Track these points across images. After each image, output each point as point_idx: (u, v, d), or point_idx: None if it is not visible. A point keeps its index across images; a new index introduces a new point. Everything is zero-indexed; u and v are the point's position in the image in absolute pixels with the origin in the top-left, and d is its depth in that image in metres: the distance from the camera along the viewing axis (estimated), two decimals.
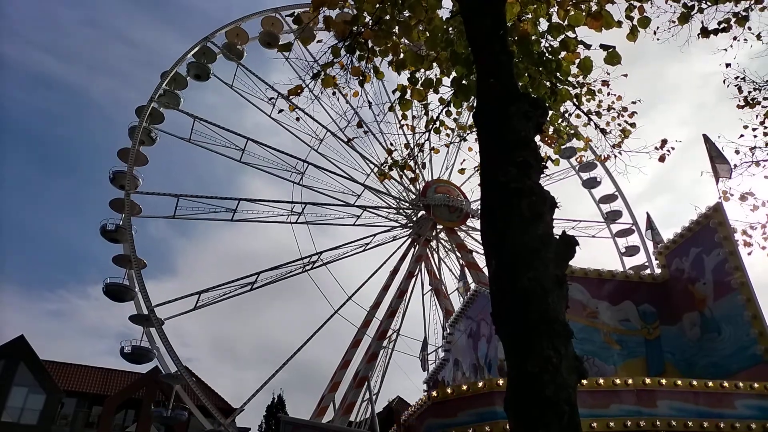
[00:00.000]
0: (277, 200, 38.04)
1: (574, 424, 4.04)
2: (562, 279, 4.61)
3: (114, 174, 34.65)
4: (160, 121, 36.80)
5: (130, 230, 33.35)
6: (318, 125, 39.43)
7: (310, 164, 38.45)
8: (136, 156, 35.51)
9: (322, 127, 39.35)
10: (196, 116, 36.57)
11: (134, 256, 32.80)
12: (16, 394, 42.27)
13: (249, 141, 37.40)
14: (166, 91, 36.81)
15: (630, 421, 11.69)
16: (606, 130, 9.38)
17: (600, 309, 16.25)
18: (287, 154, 38.34)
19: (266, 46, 40.49)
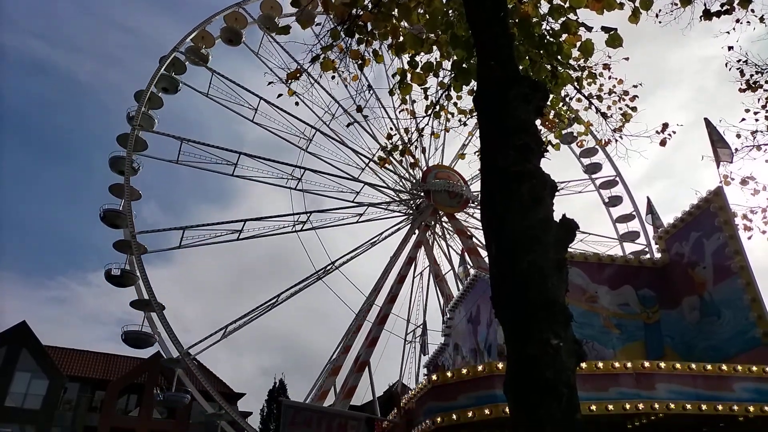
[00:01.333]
0: (279, 215, 37.67)
1: (573, 406, 4.06)
2: (562, 263, 4.60)
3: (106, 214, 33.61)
4: (143, 148, 35.85)
5: (130, 215, 33.15)
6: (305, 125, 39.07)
7: (306, 169, 38.07)
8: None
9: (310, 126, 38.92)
10: (182, 138, 35.80)
11: (135, 242, 32.74)
12: (19, 379, 42.60)
13: (241, 155, 36.81)
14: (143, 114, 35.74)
15: (629, 404, 11.78)
16: (607, 114, 9.32)
17: (599, 293, 16.31)
18: (280, 162, 37.88)
19: (229, 43, 39.70)
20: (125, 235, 33.16)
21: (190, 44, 38.50)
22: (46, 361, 44.02)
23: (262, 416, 54.52)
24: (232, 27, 39.20)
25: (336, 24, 7.51)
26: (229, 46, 40.10)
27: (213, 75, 37.86)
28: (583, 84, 8.63)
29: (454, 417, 11.77)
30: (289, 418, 13.74)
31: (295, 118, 38.46)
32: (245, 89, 38.12)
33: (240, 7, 39.56)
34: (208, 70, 38.27)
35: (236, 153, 36.52)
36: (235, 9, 39.42)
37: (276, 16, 39.87)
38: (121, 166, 34.35)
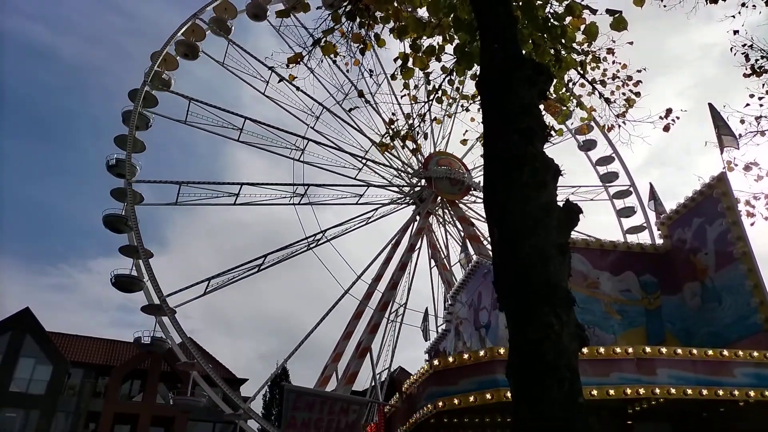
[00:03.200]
0: (278, 183, 37.73)
1: (575, 390, 4.06)
2: (565, 247, 4.58)
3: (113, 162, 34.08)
4: (154, 105, 36.18)
5: (134, 220, 32.90)
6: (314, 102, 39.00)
7: (310, 140, 38.07)
8: (133, 142, 35.13)
9: (318, 103, 38.84)
10: (191, 98, 36.00)
11: (141, 246, 32.47)
12: (23, 365, 42.94)
13: (247, 120, 36.92)
14: (158, 72, 36.09)
15: (630, 389, 11.84)
16: (610, 99, 9.24)
17: (601, 279, 16.33)
18: (286, 131, 37.95)
19: (254, 18, 39.65)
20: (130, 240, 33.15)
21: (212, 13, 38.42)
22: (49, 347, 44.33)
23: (265, 401, 54.99)
24: (259, 1, 39.03)
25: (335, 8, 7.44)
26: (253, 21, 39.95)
27: (229, 45, 38.04)
28: (586, 68, 8.54)
29: (456, 401, 11.84)
30: (291, 403, 13.84)
31: (305, 94, 38.37)
32: (259, 61, 38.15)
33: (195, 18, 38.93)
34: (225, 39, 38.32)
35: (242, 117, 36.68)
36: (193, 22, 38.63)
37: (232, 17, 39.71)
38: (119, 170, 34.28)
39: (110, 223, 33.18)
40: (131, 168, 33.96)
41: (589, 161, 46.33)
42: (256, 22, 40.01)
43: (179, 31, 37.21)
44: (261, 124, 37.23)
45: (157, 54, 36.60)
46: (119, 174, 33.92)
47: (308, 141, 37.65)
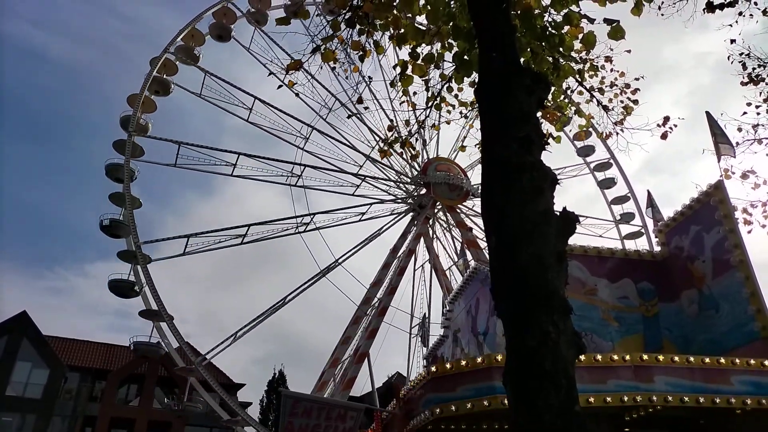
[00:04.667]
0: (284, 218, 37.50)
1: (572, 397, 4.08)
2: (562, 255, 4.61)
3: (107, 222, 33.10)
4: (140, 154, 35.34)
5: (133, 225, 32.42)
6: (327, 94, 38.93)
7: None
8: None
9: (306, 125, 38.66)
10: (180, 142, 35.34)
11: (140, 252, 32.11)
12: (20, 368, 42.79)
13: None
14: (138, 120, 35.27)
15: (627, 397, 11.84)
16: (608, 107, 9.29)
17: (599, 286, 16.35)
18: (280, 161, 37.72)
19: (218, 40, 39.21)
20: (128, 245, 32.67)
21: (181, 44, 37.93)
22: (46, 351, 44.19)
23: (262, 407, 54.84)
24: (221, 23, 38.63)
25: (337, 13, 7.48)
26: (220, 43, 39.63)
27: (205, 75, 37.30)
28: (584, 76, 8.60)
29: (453, 408, 11.83)
30: (289, 409, 13.81)
31: (291, 117, 38.33)
32: (239, 89, 37.77)
33: (228, 2, 39.07)
34: (200, 70, 37.73)
35: (235, 153, 36.27)
36: (224, 4, 38.86)
37: (266, 8, 39.60)
38: (118, 174, 33.72)
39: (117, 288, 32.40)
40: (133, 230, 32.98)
41: (587, 167, 46.51)
42: (221, 43, 39.58)
43: (153, 70, 36.45)
44: (255, 158, 36.86)
45: (135, 96, 35.78)
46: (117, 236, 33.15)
47: (304, 167, 37.65)
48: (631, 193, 45.37)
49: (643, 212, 42.92)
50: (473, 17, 5.96)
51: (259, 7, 39.04)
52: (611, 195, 46.14)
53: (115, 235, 33.11)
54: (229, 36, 39.32)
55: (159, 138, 36.00)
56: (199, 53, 38.37)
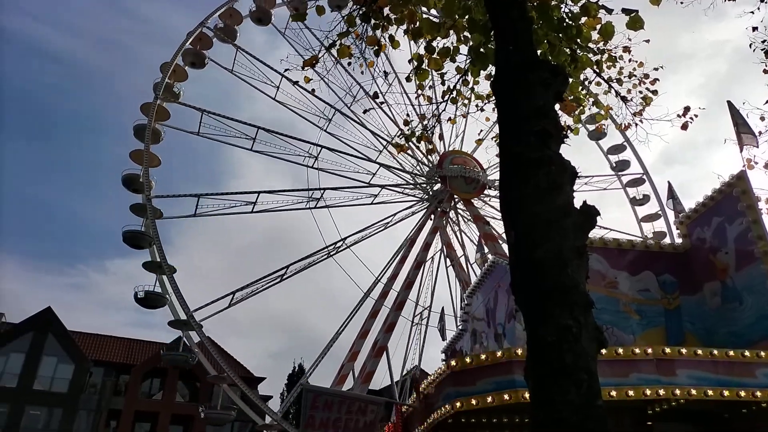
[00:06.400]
0: (294, 189, 38.03)
1: (593, 392, 4.06)
2: (582, 249, 4.57)
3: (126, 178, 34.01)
4: (166, 118, 36.25)
5: (156, 235, 32.75)
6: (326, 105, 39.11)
7: (323, 147, 38.11)
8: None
9: (330, 106, 38.92)
10: (203, 109, 36.05)
11: (165, 262, 32.48)
12: (46, 363, 43.75)
13: (260, 129, 37.07)
14: (168, 84, 36.06)
15: (649, 390, 11.73)
16: (627, 97, 9.16)
17: (619, 279, 16.17)
18: (299, 139, 38.07)
19: (258, 23, 39.70)
20: (143, 199, 33.47)
21: (218, 21, 38.62)
22: (71, 346, 45.10)
23: (282, 400, 55.35)
24: (263, 6, 39.25)
25: (355, 8, 7.47)
26: (257, 26, 40.21)
27: (237, 51, 38.14)
28: (602, 67, 8.48)
29: (474, 402, 11.82)
30: (310, 402, 13.93)
31: (316, 97, 38.52)
32: (268, 66, 38.39)
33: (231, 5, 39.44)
34: (233, 46, 38.45)
35: (255, 127, 36.84)
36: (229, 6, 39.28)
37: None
38: (135, 185, 34.31)
39: (130, 239, 33.01)
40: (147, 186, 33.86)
41: (600, 150, 45.80)
42: (260, 26, 40.13)
43: (187, 41, 37.30)
44: (274, 133, 37.30)
45: (167, 65, 36.57)
46: (136, 190, 33.90)
47: (321, 148, 37.74)
48: (663, 211, 43.56)
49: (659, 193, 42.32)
50: (489, 10, 5.92)
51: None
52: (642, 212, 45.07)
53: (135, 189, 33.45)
54: (269, 20, 39.81)
55: (183, 104, 36.74)
56: (237, 31, 39.09)
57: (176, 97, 36.61)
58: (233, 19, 39.15)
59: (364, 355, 36.01)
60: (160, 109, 35.73)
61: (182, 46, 37.07)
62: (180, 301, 32.33)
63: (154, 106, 35.34)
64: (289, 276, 36.72)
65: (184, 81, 37.49)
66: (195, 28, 37.85)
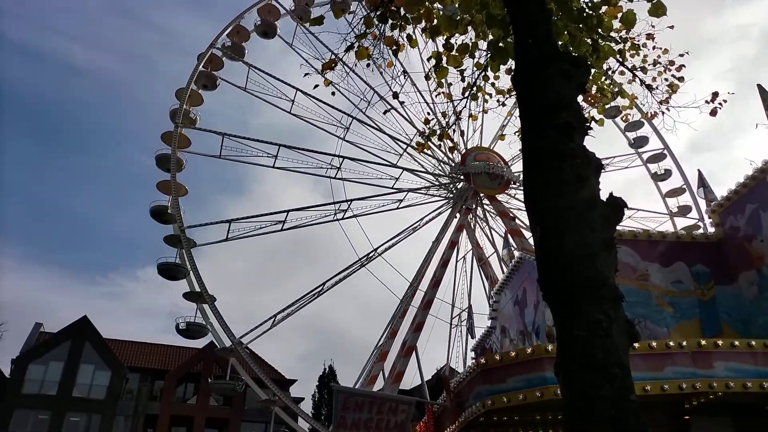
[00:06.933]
0: (322, 204, 37.99)
1: (626, 386, 3.99)
2: (610, 242, 4.50)
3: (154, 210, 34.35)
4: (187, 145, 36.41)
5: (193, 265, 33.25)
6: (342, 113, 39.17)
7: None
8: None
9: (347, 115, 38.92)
10: (224, 133, 36.34)
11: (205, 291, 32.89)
12: (84, 371, 44.86)
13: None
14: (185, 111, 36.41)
15: (685, 384, 11.49)
16: (652, 86, 8.97)
17: (651, 271, 15.86)
18: (319, 152, 38.22)
19: (264, 36, 39.72)
20: (174, 230, 33.92)
21: (226, 40, 38.97)
22: (107, 354, 46.15)
23: (314, 401, 55.77)
24: (266, 20, 39.41)
25: (369, 10, 7.48)
26: (264, 39, 40.34)
27: (249, 69, 38.25)
28: (626, 56, 8.33)
29: (505, 400, 11.74)
30: (341, 403, 14.00)
31: (332, 107, 38.61)
32: (282, 81, 38.46)
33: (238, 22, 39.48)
34: (244, 64, 38.63)
35: (276, 145, 37.01)
36: (269, 1, 39.71)
37: (310, 5, 40.02)
38: (167, 164, 35.13)
39: (165, 271, 33.45)
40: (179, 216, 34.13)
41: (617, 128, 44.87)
42: (266, 39, 40.08)
43: (199, 64, 37.52)
44: (295, 149, 37.48)
45: (182, 91, 36.83)
46: (165, 221, 34.11)
47: (343, 158, 37.91)
48: (687, 184, 43.02)
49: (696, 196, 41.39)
50: (507, 4, 5.86)
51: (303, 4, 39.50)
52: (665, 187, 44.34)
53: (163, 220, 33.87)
54: (275, 33, 40.01)
55: (204, 129, 37.21)
56: (245, 48, 39.40)
57: (193, 123, 36.86)
58: (240, 36, 39.27)
59: (394, 355, 36.04)
60: (181, 136, 36.00)
61: (195, 70, 37.26)
62: (225, 329, 33.08)
63: (176, 135, 35.56)
64: (326, 290, 37.07)
65: (200, 105, 37.78)
66: (206, 49, 38.11)
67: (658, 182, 44.48)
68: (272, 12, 39.83)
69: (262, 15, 39.55)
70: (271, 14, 39.77)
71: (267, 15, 39.57)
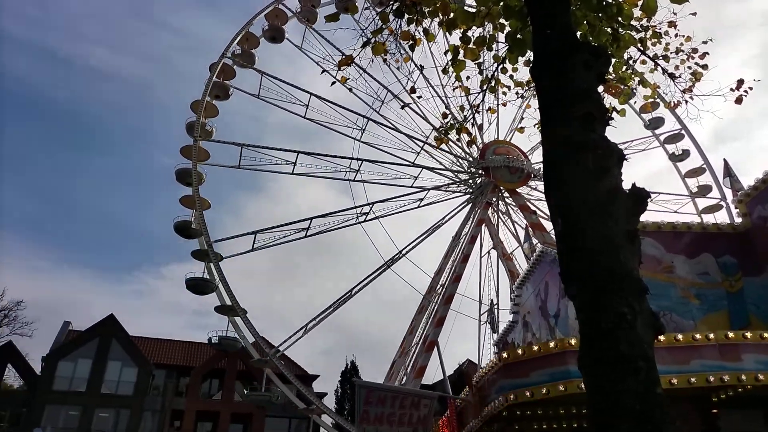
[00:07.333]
0: (344, 209, 38.17)
1: (652, 379, 3.94)
2: (634, 234, 4.44)
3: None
4: (206, 158, 36.50)
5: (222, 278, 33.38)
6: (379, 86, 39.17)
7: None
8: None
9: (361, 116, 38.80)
10: (242, 144, 36.48)
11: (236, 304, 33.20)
12: (111, 368, 45.82)
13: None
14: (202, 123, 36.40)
15: (713, 377, 11.31)
16: (675, 74, 8.79)
17: (676, 263, 15.61)
18: (348, 110, 38.39)
19: (272, 41, 39.77)
20: (201, 244, 33.87)
21: (237, 48, 38.83)
22: (134, 350, 47.05)
23: (337, 397, 56.15)
24: (274, 24, 39.30)
25: (384, 6, 7.46)
26: (273, 44, 40.32)
27: (262, 76, 38.13)
28: (647, 45, 8.18)
29: (528, 394, 11.68)
30: (363, 398, 14.07)
31: (346, 110, 38.61)
32: (295, 87, 38.43)
33: (279, 3, 39.66)
34: (256, 72, 38.59)
35: (294, 152, 37.08)
36: (275, 6, 39.55)
37: (316, 6, 39.97)
38: (187, 178, 35.09)
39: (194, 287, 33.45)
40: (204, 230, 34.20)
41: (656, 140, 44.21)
42: (274, 44, 40.10)
43: (213, 75, 37.51)
44: (313, 155, 37.64)
45: (197, 103, 36.83)
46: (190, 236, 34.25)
47: (361, 161, 37.96)
48: (707, 163, 42.75)
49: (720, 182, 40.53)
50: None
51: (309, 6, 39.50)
52: (684, 168, 43.71)
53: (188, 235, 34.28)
54: (283, 37, 40.00)
55: (223, 141, 37.40)
56: (255, 55, 39.36)
57: (210, 135, 36.86)
58: (250, 43, 39.16)
59: (415, 351, 36.08)
60: (200, 149, 36.05)
61: (209, 82, 37.25)
62: (260, 340, 33.56)
63: (196, 149, 35.61)
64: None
65: (215, 116, 37.79)
66: (218, 59, 38.04)
67: (676, 162, 43.67)
68: (280, 16, 39.72)
69: (270, 20, 39.46)
70: (279, 18, 39.66)
71: (275, 20, 39.46)
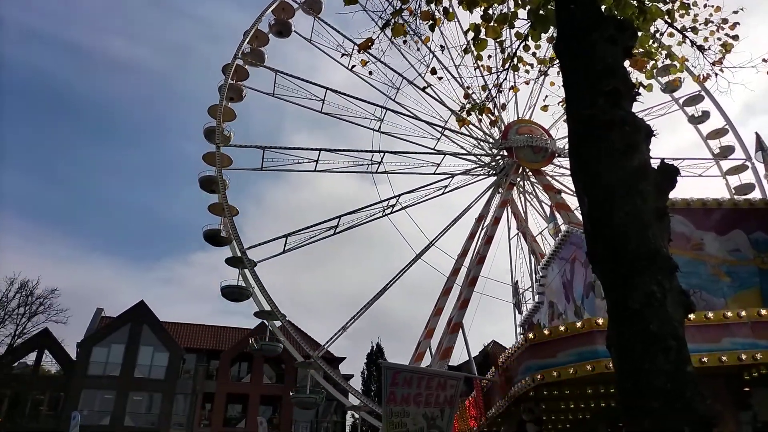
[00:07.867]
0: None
1: (682, 358, 3.90)
2: (663, 211, 4.36)
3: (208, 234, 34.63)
4: (228, 163, 36.47)
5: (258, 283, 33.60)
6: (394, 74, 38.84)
7: (389, 110, 38.14)
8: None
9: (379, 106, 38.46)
10: (265, 146, 36.38)
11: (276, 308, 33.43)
12: (143, 353, 47.14)
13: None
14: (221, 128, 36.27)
15: (745, 355, 11.13)
16: (704, 46, 8.53)
17: (706, 240, 15.27)
18: (365, 101, 38.20)
19: (278, 36, 39.30)
20: (233, 251, 33.83)
21: (247, 47, 38.45)
22: (165, 336, 48.25)
23: (363, 378, 56.82)
24: (280, 18, 38.88)
25: None
26: (281, 39, 39.84)
27: (276, 74, 37.80)
28: (674, 17, 7.94)
29: (555, 374, 11.65)
30: (390, 379, 14.20)
31: (362, 101, 38.36)
32: (309, 82, 38.15)
33: None
34: (269, 70, 38.29)
35: (316, 150, 36.97)
36: None
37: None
38: (211, 186, 35.03)
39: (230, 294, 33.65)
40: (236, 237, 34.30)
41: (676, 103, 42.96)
42: (282, 38, 39.62)
43: (228, 77, 37.25)
44: (335, 151, 37.48)
45: (215, 107, 36.65)
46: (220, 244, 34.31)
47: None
48: (729, 124, 41.57)
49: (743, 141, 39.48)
50: None
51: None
52: (705, 130, 42.54)
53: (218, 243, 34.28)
54: (290, 31, 39.62)
55: (245, 146, 37.30)
56: (265, 53, 39.04)
57: (227, 140, 36.66)
58: (260, 41, 38.86)
59: (440, 332, 36.24)
60: (223, 155, 35.99)
61: (225, 85, 36.98)
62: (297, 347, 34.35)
63: (219, 156, 35.52)
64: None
65: (233, 120, 37.66)
66: (231, 60, 37.78)
67: (696, 125, 42.54)
68: (286, 9, 39.30)
69: (277, 14, 39.03)
70: (285, 12, 39.22)
71: (281, 14, 39.00)
